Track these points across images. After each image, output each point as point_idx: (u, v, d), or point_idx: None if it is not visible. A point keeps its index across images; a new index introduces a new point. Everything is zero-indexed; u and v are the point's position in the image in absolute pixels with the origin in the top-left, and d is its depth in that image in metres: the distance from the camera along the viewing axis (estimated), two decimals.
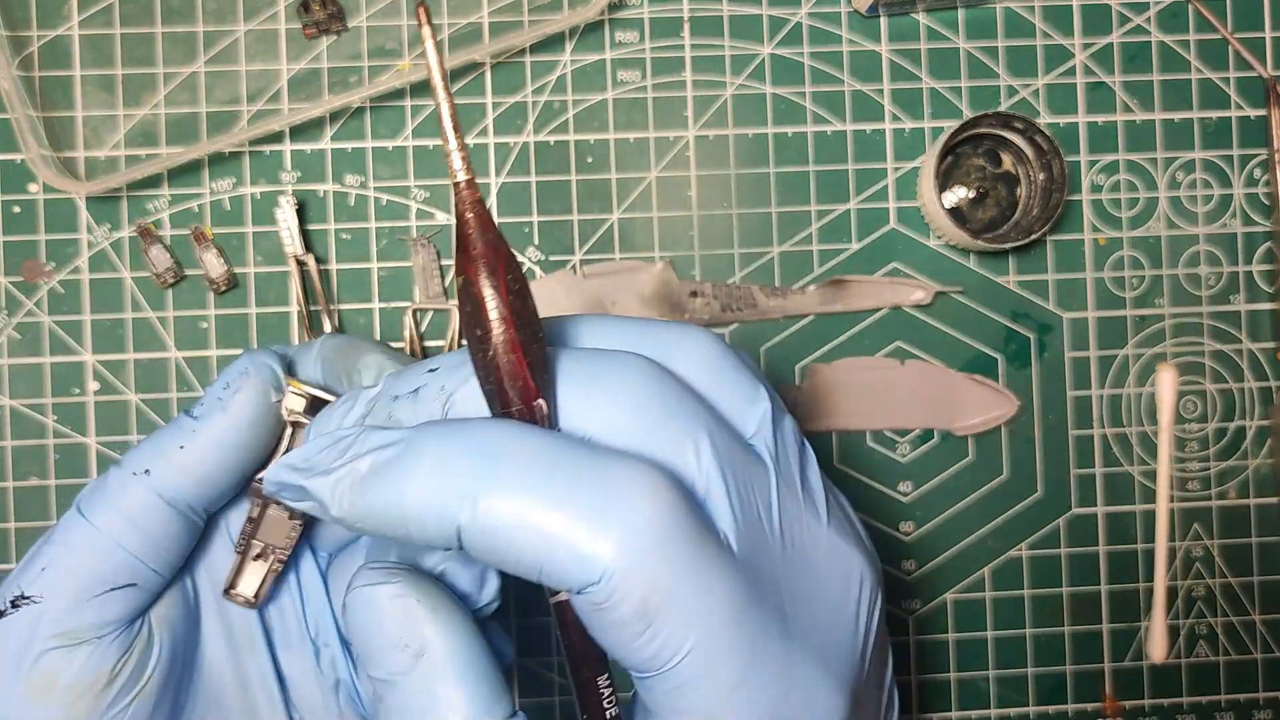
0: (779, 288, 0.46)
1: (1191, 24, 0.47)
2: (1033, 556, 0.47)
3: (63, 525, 0.30)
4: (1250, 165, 0.48)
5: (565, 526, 0.24)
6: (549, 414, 0.26)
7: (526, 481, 0.24)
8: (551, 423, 0.26)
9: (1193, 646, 0.47)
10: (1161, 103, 0.47)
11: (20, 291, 0.44)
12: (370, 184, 0.45)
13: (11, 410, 0.44)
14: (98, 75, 0.44)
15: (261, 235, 0.45)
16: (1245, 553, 0.48)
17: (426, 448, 0.25)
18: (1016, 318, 0.47)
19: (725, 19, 0.46)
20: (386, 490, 0.25)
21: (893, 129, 0.47)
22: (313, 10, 0.45)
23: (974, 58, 0.47)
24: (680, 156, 0.46)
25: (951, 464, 0.47)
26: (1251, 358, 0.48)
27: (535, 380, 0.26)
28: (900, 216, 0.47)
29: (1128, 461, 0.47)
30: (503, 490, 0.24)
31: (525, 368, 0.25)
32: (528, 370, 0.26)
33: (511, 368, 0.25)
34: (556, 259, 0.46)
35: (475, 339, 0.26)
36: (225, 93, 0.45)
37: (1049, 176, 0.45)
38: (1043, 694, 0.47)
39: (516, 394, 0.26)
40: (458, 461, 0.25)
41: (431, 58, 0.25)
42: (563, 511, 0.24)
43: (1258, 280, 0.48)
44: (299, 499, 0.28)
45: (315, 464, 0.27)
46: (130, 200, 0.45)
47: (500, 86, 0.46)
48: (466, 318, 0.26)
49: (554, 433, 0.26)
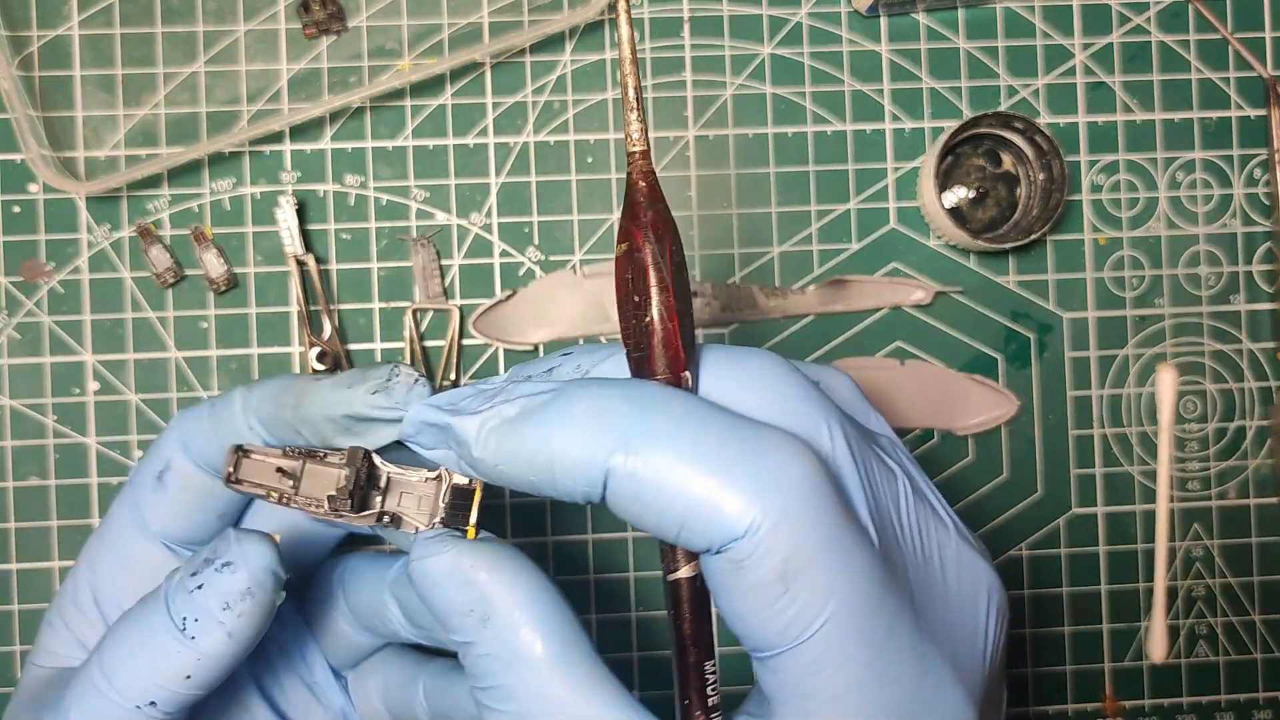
0: (779, 288, 0.46)
1: (1191, 24, 0.47)
2: (1033, 556, 0.47)
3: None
4: (1250, 165, 0.48)
5: (714, 480, 0.24)
6: (692, 389, 0.27)
7: (680, 433, 0.24)
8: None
9: (1193, 646, 0.47)
10: (1161, 103, 0.47)
11: (20, 291, 0.44)
12: (370, 184, 0.45)
13: (11, 410, 0.44)
14: (98, 75, 0.44)
15: (261, 235, 0.45)
16: (1245, 553, 0.48)
17: (583, 394, 0.25)
18: (1016, 318, 0.47)
19: (725, 19, 0.46)
20: (536, 432, 0.25)
21: (893, 129, 0.47)
22: (313, 10, 0.45)
23: (974, 58, 0.47)
24: (680, 156, 0.46)
25: (952, 464, 0.47)
26: (1251, 358, 0.48)
27: (686, 351, 0.26)
28: (900, 216, 0.47)
29: (1128, 461, 0.47)
30: (657, 438, 0.24)
31: (678, 336, 0.26)
32: (680, 339, 0.26)
33: (666, 335, 0.26)
34: (556, 259, 0.46)
35: (632, 305, 0.26)
36: (225, 93, 0.45)
37: (1049, 176, 0.45)
38: (1043, 693, 0.47)
39: (667, 362, 0.26)
40: (613, 408, 0.25)
41: (624, 31, 0.26)
42: (713, 465, 0.24)
43: (1258, 280, 0.48)
44: (436, 443, 0.28)
45: (462, 406, 0.27)
46: (130, 200, 0.45)
47: (500, 86, 0.46)
48: (625, 284, 0.26)
49: (702, 398, 0.26)
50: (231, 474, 0.31)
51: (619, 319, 0.27)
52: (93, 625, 0.33)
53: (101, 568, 0.34)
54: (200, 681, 0.29)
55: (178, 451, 0.33)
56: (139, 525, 0.34)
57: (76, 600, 0.34)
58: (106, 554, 0.34)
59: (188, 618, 0.29)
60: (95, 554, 0.34)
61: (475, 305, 0.45)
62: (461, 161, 0.45)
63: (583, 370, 0.28)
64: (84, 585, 0.34)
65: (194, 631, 0.28)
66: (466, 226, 0.45)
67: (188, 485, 0.33)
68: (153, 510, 0.34)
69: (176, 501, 0.33)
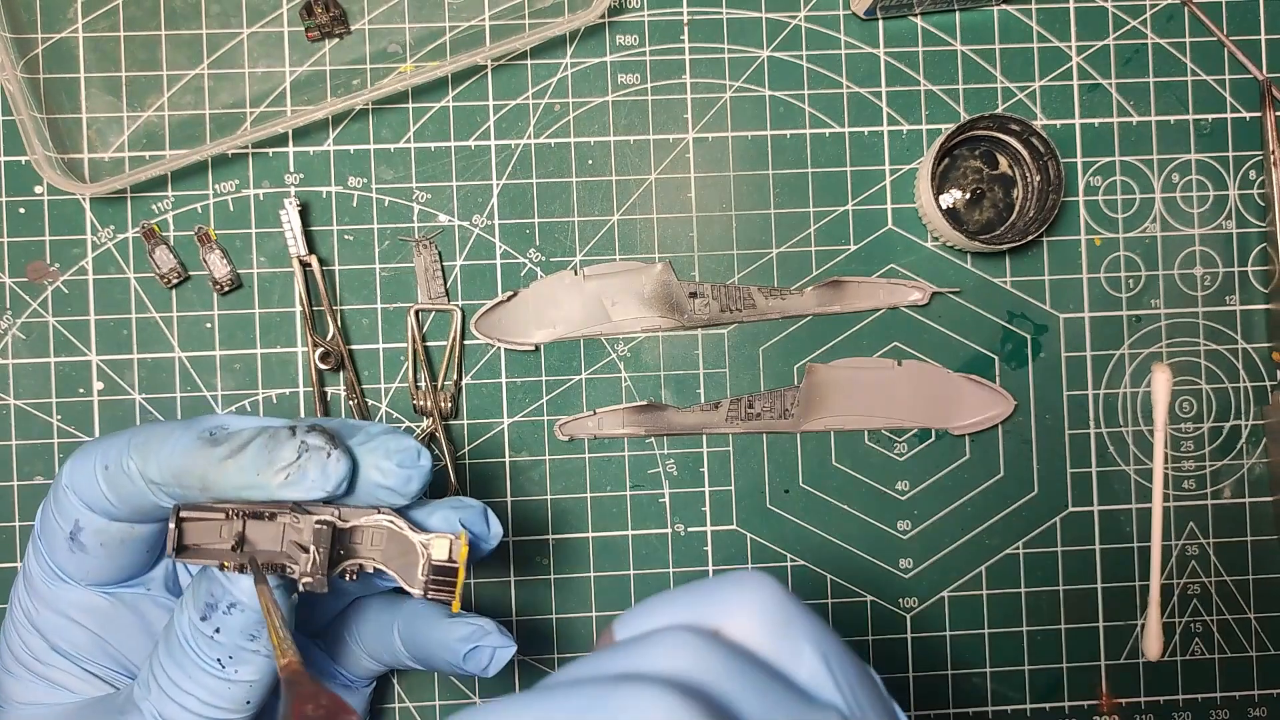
0: (777, 288, 0.47)
1: (1187, 27, 0.48)
2: (1029, 554, 0.47)
3: None
4: (1245, 167, 0.48)
5: None
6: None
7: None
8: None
9: (1188, 644, 0.48)
10: (1157, 105, 0.48)
11: (25, 292, 0.45)
12: (373, 185, 0.46)
13: (16, 410, 0.44)
14: (102, 78, 0.45)
15: (265, 236, 0.45)
16: (1240, 551, 0.48)
17: None
18: (1013, 318, 0.47)
19: (724, 22, 0.46)
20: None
21: (890, 131, 0.47)
22: (316, 13, 0.45)
23: (971, 60, 0.47)
24: (680, 159, 0.46)
25: (948, 463, 0.47)
26: (1246, 357, 0.48)
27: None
28: (897, 218, 0.47)
29: (1123, 461, 0.48)
30: None
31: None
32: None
33: None
34: (557, 260, 0.46)
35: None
36: (229, 95, 0.45)
37: (1045, 178, 0.45)
38: (1039, 691, 0.47)
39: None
40: None
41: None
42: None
43: (1253, 280, 0.48)
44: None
45: None
46: (135, 201, 0.45)
47: (501, 89, 0.46)
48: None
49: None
50: (176, 542, 0.30)
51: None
52: (63, 670, 0.34)
53: (44, 623, 0.33)
54: (259, 700, 0.31)
55: (84, 511, 0.32)
56: (66, 581, 0.33)
57: (32, 652, 0.34)
58: (44, 610, 0.33)
59: (221, 658, 0.30)
60: (31, 609, 0.34)
61: (477, 305, 0.45)
62: (463, 163, 0.46)
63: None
64: (31, 638, 0.34)
65: (234, 667, 0.30)
66: (468, 228, 0.46)
67: (105, 539, 0.32)
68: (76, 568, 0.33)
69: (97, 557, 0.32)
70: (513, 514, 0.46)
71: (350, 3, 0.45)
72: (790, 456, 0.47)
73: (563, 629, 0.46)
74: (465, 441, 0.46)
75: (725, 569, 0.46)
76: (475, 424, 0.46)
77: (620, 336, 0.46)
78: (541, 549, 0.46)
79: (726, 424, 0.46)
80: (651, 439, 0.46)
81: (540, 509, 0.46)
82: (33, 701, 0.33)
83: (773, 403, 0.46)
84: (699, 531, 0.46)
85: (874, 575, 0.47)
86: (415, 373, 0.45)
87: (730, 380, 0.47)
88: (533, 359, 0.46)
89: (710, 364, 0.46)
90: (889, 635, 0.47)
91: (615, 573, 0.46)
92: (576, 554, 0.46)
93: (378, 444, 0.30)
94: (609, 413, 0.46)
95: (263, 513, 0.29)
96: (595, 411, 0.46)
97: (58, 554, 0.33)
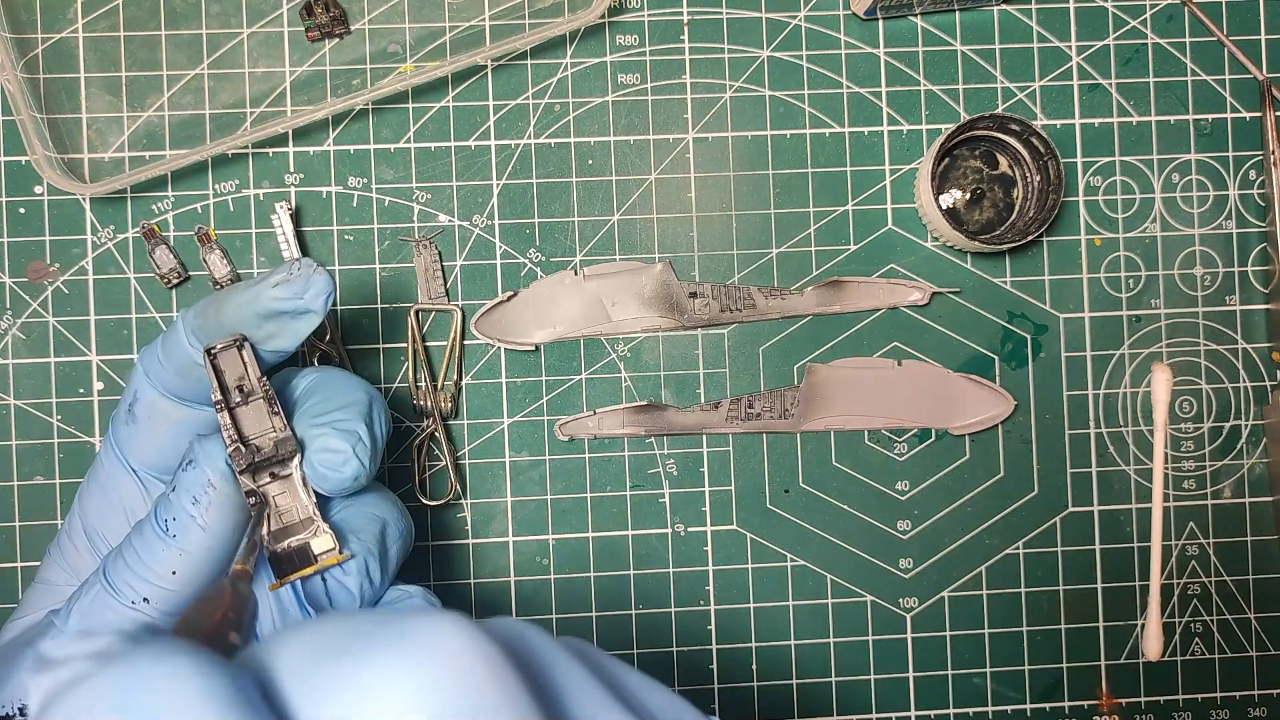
0: (777, 288, 0.47)
1: (1187, 27, 0.48)
2: (1029, 555, 0.47)
3: None
4: (1245, 167, 0.48)
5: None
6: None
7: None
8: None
9: (1188, 644, 0.48)
10: (1157, 105, 0.48)
11: (25, 292, 0.45)
12: (373, 186, 0.46)
13: (17, 410, 0.45)
14: (102, 77, 0.45)
15: (265, 236, 0.45)
16: (1240, 551, 0.48)
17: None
18: (1013, 318, 0.47)
19: (724, 22, 0.46)
20: None
21: (890, 131, 0.47)
22: (316, 13, 0.45)
23: (971, 60, 0.47)
24: (680, 159, 0.46)
25: (948, 463, 0.47)
26: (1246, 357, 0.48)
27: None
28: (897, 218, 0.47)
29: (1123, 461, 0.48)
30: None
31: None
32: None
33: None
34: (557, 260, 0.46)
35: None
36: (229, 95, 0.45)
37: (1045, 178, 0.45)
38: (1039, 691, 0.47)
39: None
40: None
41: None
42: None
43: (1253, 280, 0.48)
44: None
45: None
46: (135, 201, 0.45)
47: (501, 89, 0.46)
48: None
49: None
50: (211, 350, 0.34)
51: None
52: (83, 556, 0.36)
53: (89, 505, 0.36)
54: (185, 577, 0.32)
55: (143, 382, 0.35)
56: (119, 460, 0.36)
57: (70, 534, 0.36)
58: (94, 491, 0.36)
59: (168, 519, 0.32)
60: (84, 492, 0.37)
61: (477, 305, 0.45)
62: (463, 163, 0.46)
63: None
64: (76, 521, 0.36)
65: (174, 530, 0.32)
66: (468, 228, 0.46)
67: (154, 413, 0.35)
68: (128, 443, 0.35)
69: (147, 431, 0.35)
70: (513, 514, 0.46)
71: (350, 3, 0.45)
72: (790, 456, 0.47)
73: (563, 629, 0.46)
74: (465, 441, 0.46)
75: (723, 569, 0.47)
76: (475, 424, 0.46)
77: (620, 336, 0.46)
78: (542, 549, 0.46)
79: (726, 424, 0.46)
80: (651, 439, 0.46)
81: (540, 509, 0.46)
82: (54, 582, 0.36)
83: (773, 403, 0.46)
84: (699, 531, 0.46)
85: (874, 575, 0.47)
86: (415, 373, 0.45)
87: (730, 380, 0.47)
88: (533, 359, 0.46)
89: (710, 364, 0.46)
90: (889, 635, 0.47)
91: (615, 573, 0.46)
92: (576, 554, 0.46)
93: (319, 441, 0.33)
94: (609, 413, 0.46)
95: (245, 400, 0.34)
96: (595, 411, 0.46)
97: (116, 427, 0.36)
